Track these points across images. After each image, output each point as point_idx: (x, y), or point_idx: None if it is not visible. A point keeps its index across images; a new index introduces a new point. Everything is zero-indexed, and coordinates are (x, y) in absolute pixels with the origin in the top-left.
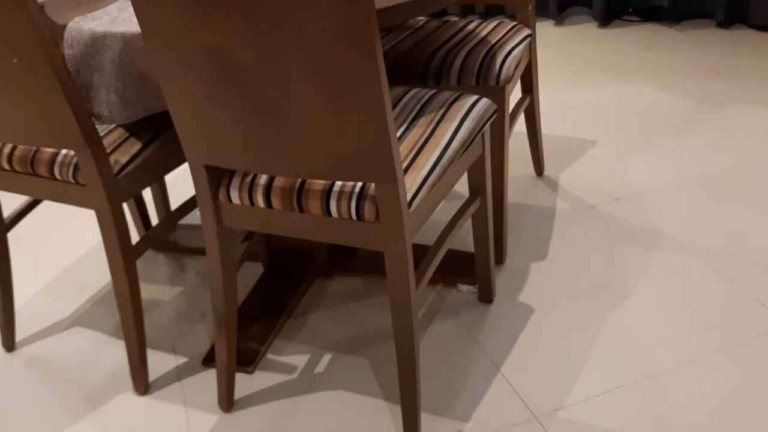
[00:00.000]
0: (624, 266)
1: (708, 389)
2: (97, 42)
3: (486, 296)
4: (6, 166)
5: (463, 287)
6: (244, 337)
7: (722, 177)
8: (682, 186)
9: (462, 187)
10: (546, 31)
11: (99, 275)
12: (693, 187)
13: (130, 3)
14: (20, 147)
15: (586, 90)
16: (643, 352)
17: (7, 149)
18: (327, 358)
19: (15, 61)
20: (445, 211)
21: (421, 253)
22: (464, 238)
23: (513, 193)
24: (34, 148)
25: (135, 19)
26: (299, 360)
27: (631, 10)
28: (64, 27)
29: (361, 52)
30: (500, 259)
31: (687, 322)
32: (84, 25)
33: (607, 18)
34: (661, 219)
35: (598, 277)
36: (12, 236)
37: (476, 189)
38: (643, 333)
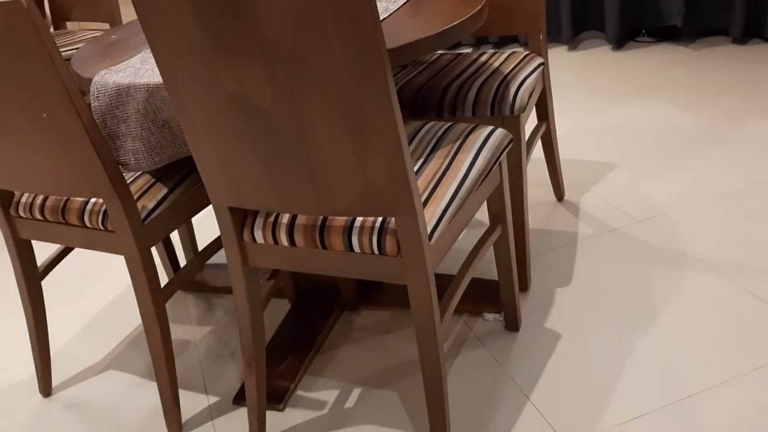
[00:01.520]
0: (651, 288)
1: (743, 410)
2: (121, 93)
3: (512, 324)
4: (39, 216)
5: (489, 316)
6: (274, 374)
7: (746, 193)
8: (705, 204)
9: (484, 214)
10: (560, 56)
11: (130, 317)
12: (717, 204)
13: (152, 54)
14: (51, 197)
15: (604, 113)
16: (674, 375)
17: (39, 200)
18: (356, 392)
19: (44, 116)
20: (467, 240)
21: (445, 283)
22: (488, 266)
23: (534, 219)
24: (65, 198)
25: (158, 69)
26: (329, 395)
27: (644, 31)
28: (89, 80)
29: (376, 91)
30: (525, 286)
31: (718, 342)
32: (109, 77)
33: (620, 41)
34: (685, 239)
35: (625, 300)
36: (45, 283)
37: (496, 217)
38: (673, 355)
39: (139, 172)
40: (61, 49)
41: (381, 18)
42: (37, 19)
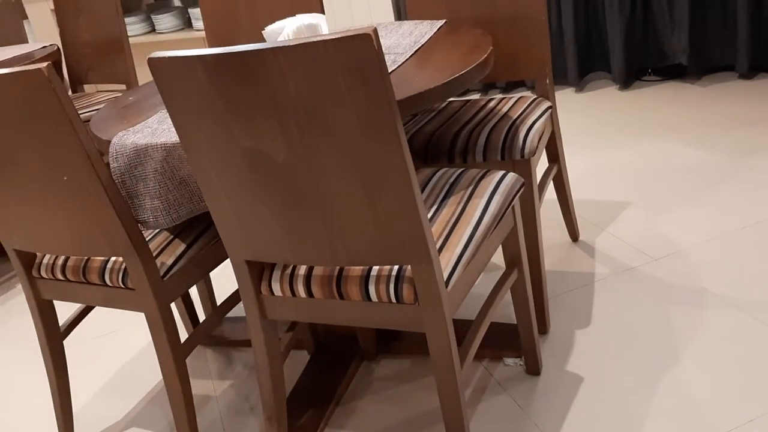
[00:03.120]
0: (672, 327)
1: None
2: (140, 154)
3: (533, 368)
4: (60, 276)
5: (510, 360)
6: (295, 427)
7: (762, 227)
8: (722, 240)
9: (500, 257)
10: (568, 98)
11: (150, 374)
12: (733, 240)
13: (168, 114)
14: (72, 257)
15: (614, 152)
16: (701, 415)
17: (60, 261)
18: None
19: (65, 178)
20: (484, 284)
21: (464, 329)
22: (506, 310)
23: (550, 261)
24: (85, 258)
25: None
26: None
27: (650, 71)
28: (108, 142)
29: (387, 141)
30: (544, 329)
31: (743, 379)
32: (127, 139)
33: (627, 81)
34: (704, 276)
35: (646, 341)
36: (66, 341)
37: (512, 261)
38: (699, 394)
39: (157, 230)
40: (79, 112)
41: (390, 70)
42: (57, 85)
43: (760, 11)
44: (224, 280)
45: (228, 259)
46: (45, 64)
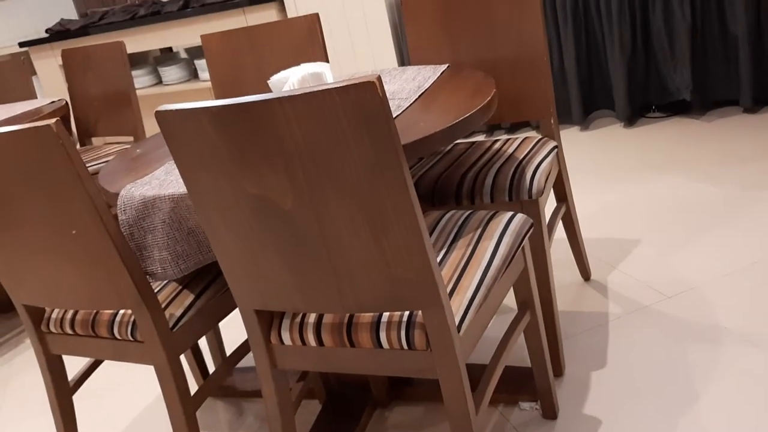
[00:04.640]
0: (689, 366)
1: None
2: (147, 205)
3: (549, 412)
4: (69, 330)
5: (525, 404)
6: None
7: None
8: (735, 276)
9: (512, 300)
10: (573, 137)
11: (160, 427)
12: (746, 276)
13: (176, 165)
14: (81, 311)
15: (622, 190)
16: None
17: (69, 315)
18: None
19: (73, 232)
20: (497, 327)
21: (477, 373)
22: (520, 353)
23: (563, 301)
24: (94, 311)
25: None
26: None
27: (654, 107)
28: (116, 194)
29: (394, 186)
30: (559, 372)
31: (765, 417)
32: (135, 191)
33: (631, 117)
34: (719, 313)
35: (663, 381)
36: (75, 397)
37: (524, 303)
38: None
39: (166, 281)
40: (87, 164)
41: (394, 115)
42: (66, 141)
43: (761, 44)
44: (233, 330)
45: (237, 309)
46: (54, 120)
